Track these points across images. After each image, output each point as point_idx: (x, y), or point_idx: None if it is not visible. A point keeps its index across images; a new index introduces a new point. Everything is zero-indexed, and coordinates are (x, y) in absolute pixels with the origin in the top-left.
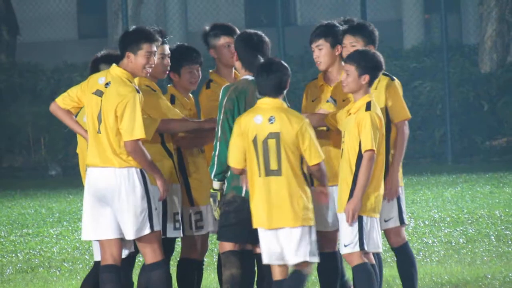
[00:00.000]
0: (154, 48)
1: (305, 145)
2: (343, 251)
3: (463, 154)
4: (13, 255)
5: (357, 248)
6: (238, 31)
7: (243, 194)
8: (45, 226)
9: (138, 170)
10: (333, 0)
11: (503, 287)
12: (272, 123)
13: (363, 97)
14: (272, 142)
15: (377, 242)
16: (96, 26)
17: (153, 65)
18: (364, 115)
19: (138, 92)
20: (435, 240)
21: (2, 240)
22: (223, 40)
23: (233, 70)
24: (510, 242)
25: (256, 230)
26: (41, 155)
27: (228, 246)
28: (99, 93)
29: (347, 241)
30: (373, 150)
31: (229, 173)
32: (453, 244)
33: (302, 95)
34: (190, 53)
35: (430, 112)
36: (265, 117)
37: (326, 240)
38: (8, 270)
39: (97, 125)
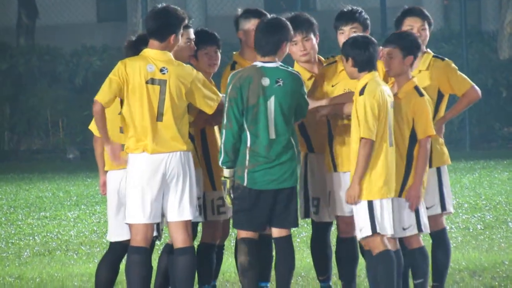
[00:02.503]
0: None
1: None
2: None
3: (481, 141)
4: (31, 238)
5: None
6: (268, 16)
7: (245, 183)
8: (62, 209)
9: (191, 154)
10: None
11: None
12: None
13: (409, 81)
14: None
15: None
16: (115, 9)
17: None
18: (421, 100)
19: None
20: (453, 226)
21: (19, 223)
22: (253, 23)
23: None
24: None
25: (264, 216)
26: (59, 138)
27: (241, 233)
28: (157, 82)
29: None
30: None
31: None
32: (471, 230)
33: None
34: (204, 35)
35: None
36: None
37: (345, 225)
38: (26, 253)
39: (156, 113)
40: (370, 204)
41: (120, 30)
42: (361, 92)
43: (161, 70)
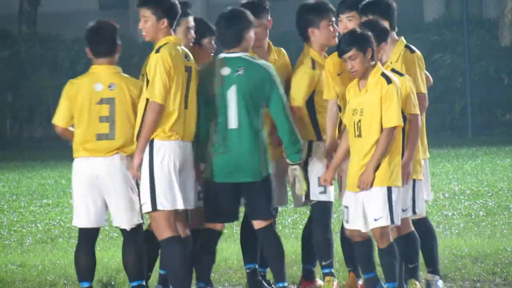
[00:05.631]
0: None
1: None
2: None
3: (483, 127)
4: (33, 225)
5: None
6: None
7: (208, 174)
8: (65, 197)
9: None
10: None
11: None
12: None
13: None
14: None
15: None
16: None
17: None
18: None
19: None
20: (455, 213)
21: (22, 210)
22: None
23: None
24: None
25: (226, 208)
26: None
27: (208, 224)
28: (188, 69)
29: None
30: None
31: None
32: (473, 216)
33: None
34: (205, 24)
35: (451, 85)
36: None
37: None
38: (28, 241)
39: (184, 101)
40: (389, 191)
41: (122, 17)
42: (389, 81)
43: (187, 57)
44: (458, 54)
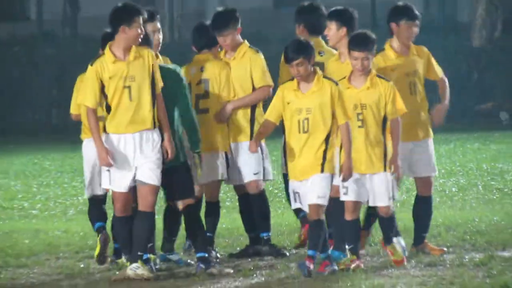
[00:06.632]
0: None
1: None
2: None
3: (456, 116)
4: (75, 198)
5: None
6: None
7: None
8: None
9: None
10: None
11: (488, 228)
12: None
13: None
14: None
15: None
16: (146, 3)
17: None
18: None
19: None
20: (432, 189)
21: (65, 185)
22: None
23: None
24: (494, 191)
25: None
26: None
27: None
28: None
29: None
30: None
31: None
32: (447, 192)
33: None
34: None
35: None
36: None
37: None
38: (71, 211)
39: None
40: (332, 177)
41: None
42: (336, 83)
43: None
44: (435, 52)
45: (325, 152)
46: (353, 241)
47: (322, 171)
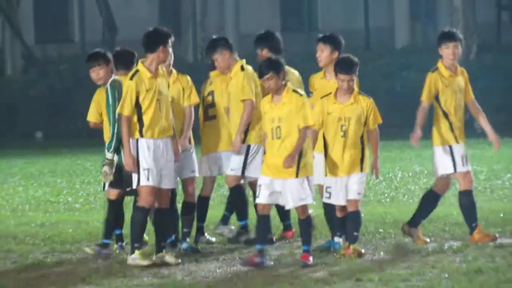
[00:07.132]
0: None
1: None
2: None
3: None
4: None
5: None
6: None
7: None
8: None
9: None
10: (346, 8)
11: (462, 219)
12: None
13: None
14: None
15: None
16: (172, 28)
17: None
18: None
19: None
20: (416, 187)
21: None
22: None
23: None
24: None
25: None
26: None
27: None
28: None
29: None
30: None
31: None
32: None
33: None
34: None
35: (415, 94)
36: None
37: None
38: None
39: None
40: (309, 179)
41: (174, 46)
42: (300, 95)
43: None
44: (420, 72)
45: (299, 157)
46: (355, 231)
47: (296, 176)
